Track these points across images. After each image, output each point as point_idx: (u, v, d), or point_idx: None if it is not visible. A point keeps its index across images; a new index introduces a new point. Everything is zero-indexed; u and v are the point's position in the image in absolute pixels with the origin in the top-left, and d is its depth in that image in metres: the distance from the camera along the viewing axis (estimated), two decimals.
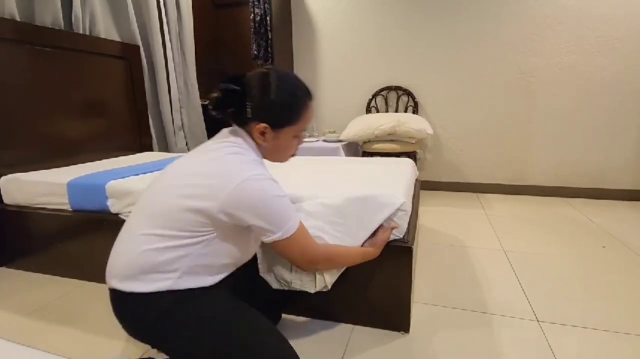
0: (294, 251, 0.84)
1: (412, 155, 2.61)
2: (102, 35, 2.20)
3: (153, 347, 0.82)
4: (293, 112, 0.87)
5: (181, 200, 0.75)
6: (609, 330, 1.13)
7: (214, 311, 0.78)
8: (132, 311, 0.77)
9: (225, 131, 0.89)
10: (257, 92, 0.83)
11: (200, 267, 0.78)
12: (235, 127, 0.88)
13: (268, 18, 2.77)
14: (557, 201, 2.63)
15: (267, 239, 0.79)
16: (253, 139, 0.87)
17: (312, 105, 0.91)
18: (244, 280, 0.99)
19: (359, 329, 1.16)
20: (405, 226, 1.15)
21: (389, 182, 1.33)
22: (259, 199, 0.76)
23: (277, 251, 0.85)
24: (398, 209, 1.12)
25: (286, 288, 1.06)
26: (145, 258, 0.74)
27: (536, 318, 1.20)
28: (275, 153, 0.91)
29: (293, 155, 0.95)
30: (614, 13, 2.41)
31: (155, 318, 0.75)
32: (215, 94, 0.84)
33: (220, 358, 0.76)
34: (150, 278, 0.74)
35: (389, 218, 1.11)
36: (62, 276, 1.56)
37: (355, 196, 1.13)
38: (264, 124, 0.84)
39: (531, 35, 2.59)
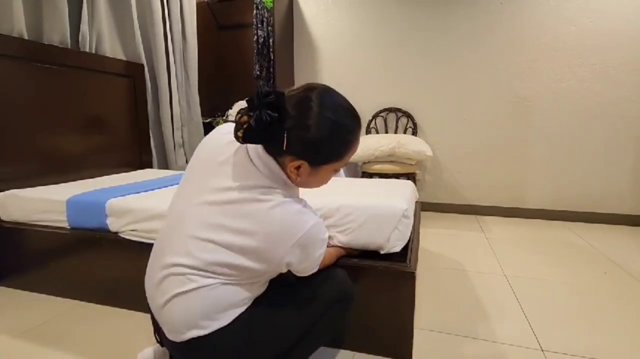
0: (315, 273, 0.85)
1: (411, 176, 2.63)
2: (108, 54, 2.24)
3: None
4: (336, 149, 0.73)
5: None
6: None
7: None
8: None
9: (247, 161, 0.74)
10: (295, 122, 0.69)
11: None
12: (260, 154, 0.74)
13: (271, 40, 2.83)
14: (556, 224, 2.63)
15: (302, 275, 0.81)
16: (285, 170, 0.74)
17: (359, 134, 0.77)
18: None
19: (360, 356, 1.14)
20: (409, 233, 1.16)
21: (391, 196, 1.34)
22: (317, 248, 0.77)
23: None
24: (401, 217, 1.12)
25: None
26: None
27: (540, 347, 1.18)
28: (306, 185, 0.81)
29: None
30: (607, 43, 2.48)
31: None
32: (244, 119, 0.67)
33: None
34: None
35: (396, 227, 1.11)
36: (57, 296, 1.53)
37: (360, 204, 1.14)
38: (300, 161, 0.71)
39: (528, 61, 2.65)
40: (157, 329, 0.85)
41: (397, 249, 1.13)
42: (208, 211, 0.72)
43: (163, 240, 0.79)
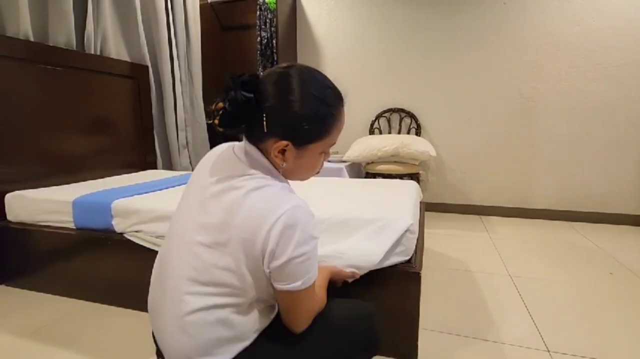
0: (301, 307, 0.68)
1: (415, 176, 2.62)
2: (113, 56, 2.25)
3: None
4: (322, 125, 0.69)
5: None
6: None
7: None
8: None
9: (231, 155, 0.71)
10: (275, 100, 0.65)
11: None
12: (244, 146, 0.71)
13: (274, 41, 2.84)
14: (561, 224, 2.62)
15: (283, 286, 0.64)
16: (269, 158, 0.69)
17: (344, 111, 0.73)
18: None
19: None
20: (413, 247, 1.15)
21: (396, 204, 1.33)
22: (303, 237, 0.62)
23: (281, 303, 0.69)
24: (406, 231, 1.11)
25: None
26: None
27: (547, 348, 1.17)
28: (295, 173, 0.74)
29: (317, 173, 0.77)
30: (611, 43, 2.47)
31: None
32: (220, 105, 0.64)
33: None
34: None
35: (398, 241, 1.10)
36: (64, 296, 1.54)
37: (363, 218, 1.13)
38: (284, 142, 0.66)
39: (532, 61, 2.64)
40: (159, 353, 0.78)
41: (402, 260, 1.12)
42: (197, 212, 0.68)
43: (164, 254, 0.74)
